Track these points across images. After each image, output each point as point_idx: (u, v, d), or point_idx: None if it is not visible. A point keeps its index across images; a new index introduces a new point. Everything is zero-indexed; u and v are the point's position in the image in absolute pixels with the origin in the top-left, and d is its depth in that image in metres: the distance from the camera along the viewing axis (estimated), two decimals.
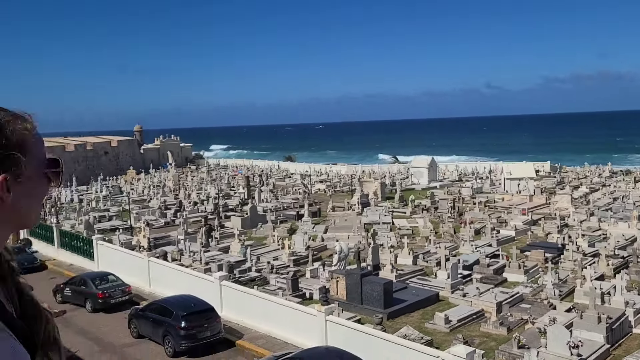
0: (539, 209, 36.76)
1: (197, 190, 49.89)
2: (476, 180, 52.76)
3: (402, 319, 18.37)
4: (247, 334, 17.98)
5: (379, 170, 65.37)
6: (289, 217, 36.60)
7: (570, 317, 16.97)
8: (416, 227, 32.04)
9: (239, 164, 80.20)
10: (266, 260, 25.20)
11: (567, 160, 74.18)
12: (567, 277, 21.70)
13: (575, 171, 60.19)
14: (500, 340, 16.36)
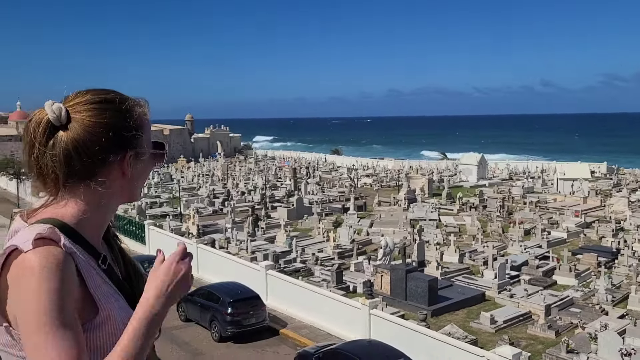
0: (593, 212, 35.52)
1: (245, 180, 50.70)
2: (527, 179, 51.35)
3: (446, 317, 18.21)
4: (291, 324, 18.25)
5: (426, 166, 64.62)
6: (334, 210, 36.74)
7: (623, 324, 16.43)
8: (463, 225, 31.58)
9: (286, 156, 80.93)
10: (311, 251, 25.43)
11: (625, 162, 71.20)
12: (620, 283, 20.96)
13: (634, 173, 57.69)
14: (548, 344, 16.00)
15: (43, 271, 1.31)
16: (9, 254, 1.35)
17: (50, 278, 1.31)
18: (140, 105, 1.54)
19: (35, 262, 1.32)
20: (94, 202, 1.49)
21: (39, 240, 1.34)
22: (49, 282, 1.31)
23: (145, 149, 1.54)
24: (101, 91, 1.51)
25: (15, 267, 1.33)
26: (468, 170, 52.13)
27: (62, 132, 1.41)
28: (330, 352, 13.87)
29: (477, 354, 13.93)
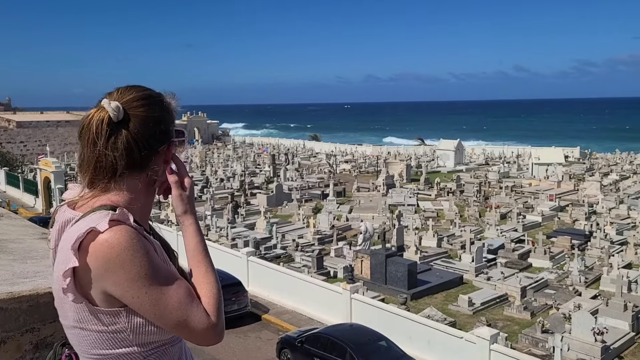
0: (567, 195, 36.32)
1: (224, 167, 50.48)
2: (503, 164, 52.18)
3: (425, 300, 18.56)
4: (273, 309, 18.40)
5: (404, 152, 65.10)
6: (314, 196, 36.87)
7: (595, 304, 16.95)
8: (441, 210, 32.02)
9: (264, 142, 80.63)
10: (291, 238, 25.55)
11: (597, 147, 72.70)
12: (593, 265, 21.56)
13: (606, 158, 59.04)
14: (524, 325, 16.45)
15: (131, 242, 1.44)
16: (85, 236, 1.43)
17: (139, 247, 1.46)
18: (173, 99, 1.70)
19: (121, 237, 1.44)
20: (145, 189, 1.62)
21: (114, 221, 1.46)
22: (140, 250, 1.45)
23: (176, 137, 1.69)
24: (140, 88, 1.63)
25: (99, 246, 1.43)
26: (445, 156, 52.71)
27: (123, 128, 1.54)
28: (312, 337, 14.07)
29: (456, 336, 14.28)
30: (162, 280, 1.48)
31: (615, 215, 29.63)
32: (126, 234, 1.45)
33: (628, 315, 15.65)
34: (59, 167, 35.61)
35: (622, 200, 33.20)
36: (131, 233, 1.46)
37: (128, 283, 1.44)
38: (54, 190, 33.94)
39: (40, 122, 59.35)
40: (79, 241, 1.43)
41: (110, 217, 1.46)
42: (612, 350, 14.53)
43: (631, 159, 56.39)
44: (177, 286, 1.50)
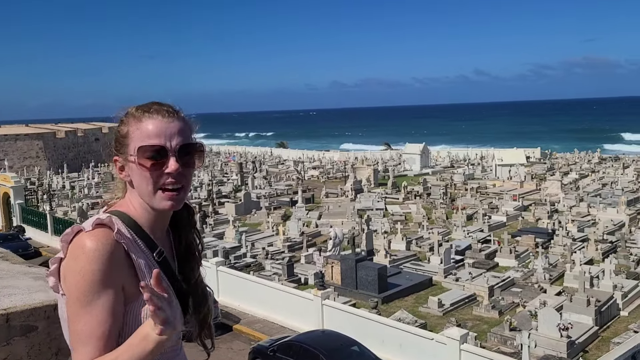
0: (530, 195, 37.24)
1: None
2: (468, 166, 53.17)
3: (396, 303, 18.72)
4: (244, 319, 18.27)
5: (371, 157, 65.63)
6: (282, 203, 36.80)
7: (560, 301, 17.40)
8: (409, 213, 32.39)
9: (231, 151, 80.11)
10: (261, 246, 25.44)
11: (557, 147, 74.82)
12: (557, 262, 22.15)
13: (565, 157, 60.82)
14: (492, 323, 16.77)
15: (93, 252, 1.51)
16: (76, 233, 1.58)
17: (96, 260, 1.51)
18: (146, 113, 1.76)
19: (88, 243, 1.53)
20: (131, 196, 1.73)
21: (98, 224, 1.57)
22: (94, 263, 1.51)
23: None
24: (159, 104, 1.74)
25: (73, 244, 1.56)
26: (412, 160, 53.37)
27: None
28: (284, 345, 14.02)
29: (427, 337, 14.46)
30: (88, 302, 1.51)
31: (576, 213, 30.53)
32: (97, 242, 1.53)
33: (591, 310, 16.13)
34: (18, 181, 34.60)
35: (582, 198, 34.24)
36: (104, 242, 1.53)
37: (69, 285, 1.54)
38: (14, 206, 32.94)
39: None
40: (71, 236, 1.57)
41: (96, 220, 1.57)
42: (577, 345, 14.94)
43: (589, 158, 58.24)
44: (94, 319, 1.51)
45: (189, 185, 1.72)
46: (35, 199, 36.80)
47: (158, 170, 1.64)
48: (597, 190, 37.33)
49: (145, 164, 1.64)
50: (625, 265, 21.50)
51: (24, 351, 2.58)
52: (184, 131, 1.69)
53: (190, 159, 1.70)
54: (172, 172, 1.64)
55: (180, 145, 1.66)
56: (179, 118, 1.71)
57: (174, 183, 1.66)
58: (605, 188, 38.27)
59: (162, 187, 1.65)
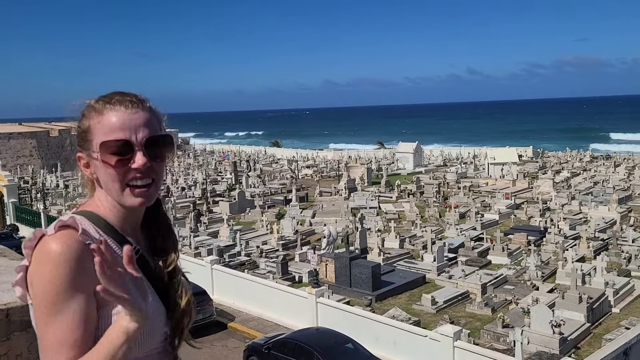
0: (522, 193, 37.46)
1: (185, 176, 49.83)
2: (460, 165, 53.40)
3: (390, 301, 18.81)
4: (239, 317, 18.30)
5: (364, 156, 65.76)
6: (276, 202, 36.83)
7: (552, 298, 17.54)
8: (402, 212, 32.51)
9: (225, 150, 80.00)
10: (255, 244, 25.47)
11: (549, 146, 75.24)
12: (549, 259, 22.32)
13: (557, 156, 61.21)
14: (485, 321, 16.89)
15: (58, 256, 1.42)
16: (39, 238, 1.48)
17: (62, 264, 1.42)
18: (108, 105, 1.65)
19: (53, 247, 1.43)
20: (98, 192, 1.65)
21: (62, 227, 1.47)
22: (60, 267, 1.41)
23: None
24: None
25: (37, 250, 1.46)
26: (405, 158, 53.52)
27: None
28: (279, 342, 14.08)
29: (421, 335, 14.55)
30: (57, 309, 1.41)
31: (568, 211, 30.75)
32: (61, 245, 1.43)
33: (583, 307, 16.28)
34: (11, 180, 34.45)
35: (574, 196, 34.48)
36: (68, 245, 1.44)
37: (36, 292, 1.45)
38: (7, 205, 32.81)
39: None
40: (34, 242, 1.48)
41: (59, 223, 1.48)
42: (570, 341, 15.09)
43: (581, 156, 58.64)
44: (65, 327, 1.42)
45: (160, 180, 1.62)
46: (29, 197, 36.63)
47: (124, 167, 1.53)
48: (588, 189, 37.62)
49: (110, 160, 1.53)
50: (617, 262, 21.70)
51: (24, 346, 2.58)
52: (150, 122, 1.58)
53: (159, 152, 1.58)
54: (139, 167, 1.53)
55: (147, 138, 1.55)
56: (144, 108, 1.59)
57: (143, 178, 1.55)
58: (596, 186, 38.57)
59: (130, 184, 1.55)
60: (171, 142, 1.62)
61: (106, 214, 1.60)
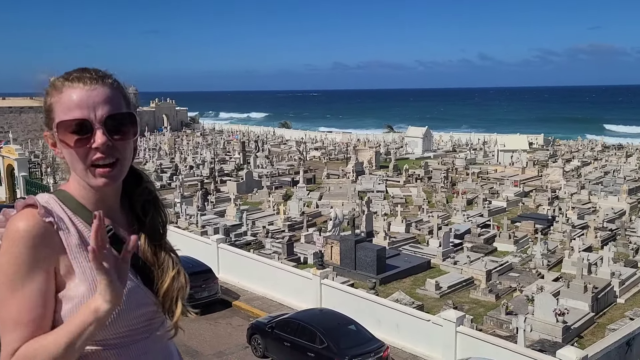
0: (531, 181, 37.25)
1: (193, 155, 49.93)
2: (470, 151, 53.05)
3: (394, 285, 18.87)
4: (244, 296, 18.45)
5: (373, 139, 65.48)
6: (284, 183, 36.87)
7: (557, 286, 17.52)
8: (409, 196, 32.44)
9: (234, 129, 79.97)
10: (261, 224, 25.56)
11: (560, 134, 74.55)
12: (555, 248, 22.25)
13: (568, 144, 60.65)
14: (489, 307, 16.91)
15: (16, 235, 1.40)
16: (8, 218, 1.49)
17: (20, 242, 1.40)
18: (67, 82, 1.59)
19: (12, 226, 1.42)
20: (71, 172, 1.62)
21: (26, 207, 1.46)
22: (18, 246, 1.40)
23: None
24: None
25: (5, 230, 1.45)
26: (414, 143, 53.27)
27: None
28: (282, 322, 14.18)
29: (423, 319, 14.60)
30: (13, 287, 1.39)
31: (577, 200, 30.57)
32: (21, 224, 1.41)
33: (588, 297, 16.25)
34: (22, 154, 34.62)
35: (584, 185, 34.24)
36: (29, 223, 1.42)
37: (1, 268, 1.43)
38: (18, 178, 33.06)
39: (3, 108, 57.47)
40: (4, 222, 1.48)
41: (22, 203, 1.47)
42: (573, 330, 15.09)
43: (592, 145, 58.08)
44: (22, 305, 1.39)
45: (126, 158, 1.54)
46: (39, 172, 36.88)
47: (84, 146, 1.48)
48: (599, 178, 37.33)
49: (68, 140, 1.48)
50: (624, 253, 21.59)
51: None
52: (111, 99, 1.50)
53: (122, 130, 1.51)
54: (99, 146, 1.47)
55: (106, 115, 1.48)
56: (104, 84, 1.51)
57: (104, 158, 1.49)
58: (607, 176, 38.26)
59: (93, 164, 1.49)
60: (134, 119, 1.56)
61: (77, 193, 1.57)
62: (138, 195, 1.70)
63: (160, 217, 1.73)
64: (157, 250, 1.67)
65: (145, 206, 1.70)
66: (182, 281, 1.68)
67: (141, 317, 1.59)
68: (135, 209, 1.69)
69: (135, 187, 1.70)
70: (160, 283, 1.64)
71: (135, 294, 1.56)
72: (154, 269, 1.65)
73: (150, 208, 1.71)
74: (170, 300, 1.65)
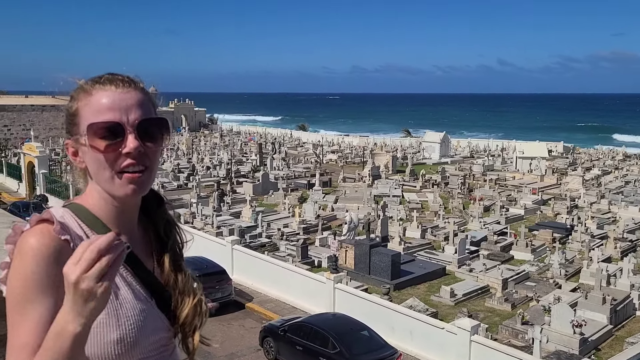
0: (550, 189, 36.76)
1: (210, 155, 50.22)
2: (488, 157, 52.59)
3: (408, 291, 18.72)
4: (257, 298, 18.45)
5: (390, 143, 65.27)
6: (300, 185, 36.88)
7: (575, 297, 17.23)
8: (425, 202, 32.22)
9: (251, 131, 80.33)
10: (276, 227, 25.58)
11: (580, 142, 73.53)
12: (573, 258, 21.90)
13: (589, 153, 59.80)
14: (504, 316, 16.69)
15: (30, 252, 1.31)
16: (20, 233, 1.38)
17: (31, 261, 1.30)
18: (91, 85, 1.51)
19: (23, 244, 1.32)
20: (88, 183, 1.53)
21: (38, 222, 1.35)
22: (29, 266, 1.30)
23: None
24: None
25: (17, 246, 1.35)
26: (431, 148, 52.96)
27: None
28: (295, 325, 14.14)
29: (437, 326, 14.46)
30: (22, 309, 1.29)
31: (597, 210, 30.08)
32: (33, 241, 1.32)
33: (606, 309, 15.94)
34: (43, 152, 35.17)
35: (604, 195, 33.68)
36: (42, 239, 1.32)
37: (7, 290, 1.34)
38: (38, 175, 33.55)
39: (25, 106, 58.48)
40: (16, 238, 1.37)
41: (36, 217, 1.37)
42: (590, 342, 14.81)
43: (613, 154, 57.18)
44: (28, 329, 1.28)
45: (155, 167, 1.46)
46: (59, 169, 37.41)
47: (114, 152, 1.39)
48: (619, 188, 36.71)
49: (98, 145, 1.38)
50: None
51: None
52: (143, 103, 1.44)
53: (154, 136, 1.44)
54: (131, 151, 1.38)
55: (139, 120, 1.40)
56: (137, 88, 1.46)
57: (135, 165, 1.40)
58: (628, 186, 37.61)
59: (122, 170, 1.40)
60: (167, 125, 1.48)
61: (95, 207, 1.47)
62: (160, 215, 1.62)
63: (180, 238, 1.65)
64: (178, 272, 1.58)
65: (167, 227, 1.62)
66: (203, 310, 1.58)
67: (154, 343, 1.49)
68: (157, 228, 1.60)
69: (157, 206, 1.62)
70: (180, 309, 1.54)
71: (151, 317, 1.47)
72: (173, 293, 1.55)
73: (172, 229, 1.63)
74: (189, 328, 1.55)
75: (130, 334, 1.40)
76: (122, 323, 1.39)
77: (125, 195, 1.42)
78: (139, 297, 1.46)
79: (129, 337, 1.39)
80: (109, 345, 1.38)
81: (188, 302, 1.55)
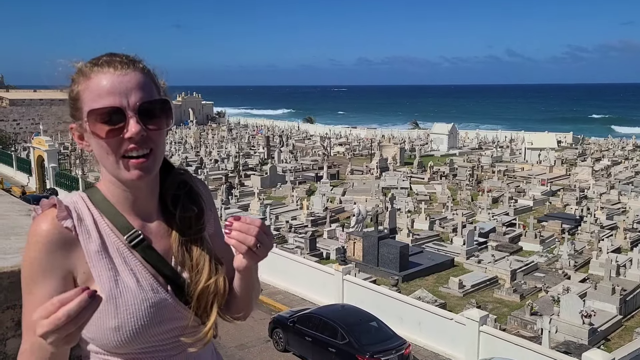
0: (559, 180, 36.56)
1: (218, 148, 50.33)
2: (496, 148, 52.33)
3: (416, 282, 18.76)
4: (266, 290, 18.54)
5: (398, 135, 65.09)
6: (307, 178, 36.92)
7: (584, 288, 17.20)
8: (434, 193, 32.17)
9: (259, 124, 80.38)
10: (285, 219, 25.65)
11: (590, 132, 72.94)
12: (583, 249, 21.81)
13: (598, 143, 59.33)
14: (513, 307, 16.69)
15: (33, 238, 1.35)
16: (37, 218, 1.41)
17: (35, 247, 1.34)
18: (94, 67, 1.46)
19: (32, 228, 1.36)
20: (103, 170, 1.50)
21: (50, 207, 1.37)
22: (34, 250, 1.34)
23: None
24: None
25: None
26: (439, 140, 52.78)
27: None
28: (304, 317, 14.23)
29: (446, 317, 14.50)
30: (29, 290, 1.35)
31: (606, 200, 29.91)
32: (40, 227, 1.35)
33: (616, 299, 15.90)
34: (52, 145, 35.38)
35: (613, 185, 33.47)
36: (46, 225, 1.35)
37: (21, 271, 1.38)
38: (48, 169, 33.80)
39: (34, 101, 58.85)
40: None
41: (45, 202, 1.38)
42: (600, 332, 14.79)
43: (623, 144, 56.72)
44: (31, 308, 1.29)
45: (160, 149, 1.42)
46: (68, 163, 37.66)
47: (117, 137, 1.35)
48: (629, 178, 36.43)
49: (100, 131, 1.35)
50: None
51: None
52: (145, 85, 1.38)
53: (156, 119, 1.39)
54: (133, 136, 1.34)
55: (140, 102, 1.35)
56: (137, 69, 1.39)
57: (138, 149, 1.36)
58: (638, 176, 37.30)
59: (126, 155, 1.36)
60: (169, 107, 1.43)
61: (108, 192, 1.46)
62: (168, 185, 1.55)
63: (194, 208, 1.54)
64: (190, 247, 1.51)
65: (176, 197, 1.55)
66: (221, 286, 1.50)
67: (166, 333, 1.45)
68: (165, 200, 1.54)
69: (174, 183, 1.56)
70: (194, 285, 1.48)
71: (161, 307, 1.44)
72: (186, 272, 1.50)
73: (181, 198, 1.55)
74: (205, 304, 1.49)
75: (128, 323, 1.37)
76: (121, 312, 1.37)
77: (130, 179, 1.39)
78: (143, 286, 1.41)
79: (127, 326, 1.37)
80: (107, 331, 1.37)
81: (202, 278, 1.48)
